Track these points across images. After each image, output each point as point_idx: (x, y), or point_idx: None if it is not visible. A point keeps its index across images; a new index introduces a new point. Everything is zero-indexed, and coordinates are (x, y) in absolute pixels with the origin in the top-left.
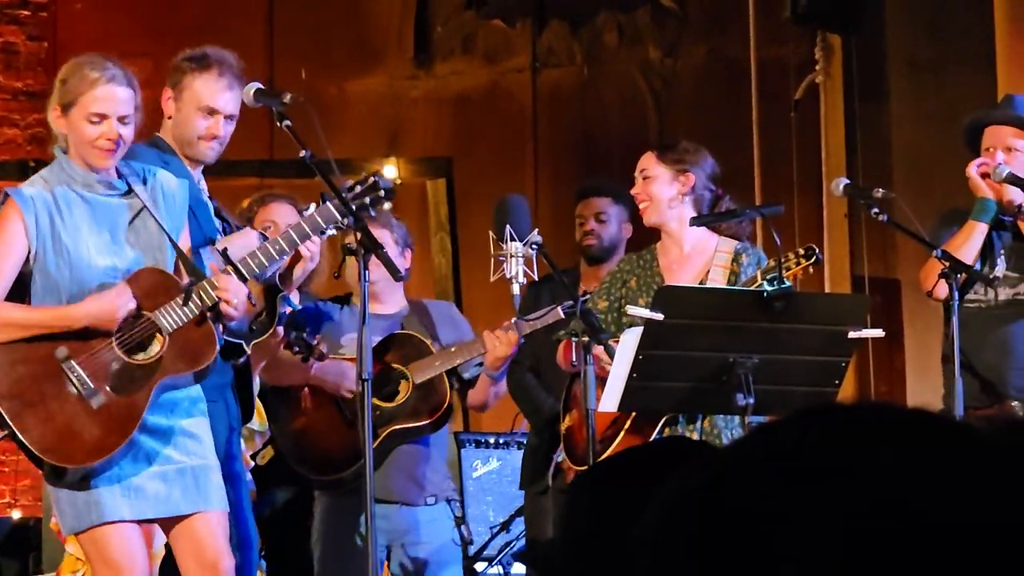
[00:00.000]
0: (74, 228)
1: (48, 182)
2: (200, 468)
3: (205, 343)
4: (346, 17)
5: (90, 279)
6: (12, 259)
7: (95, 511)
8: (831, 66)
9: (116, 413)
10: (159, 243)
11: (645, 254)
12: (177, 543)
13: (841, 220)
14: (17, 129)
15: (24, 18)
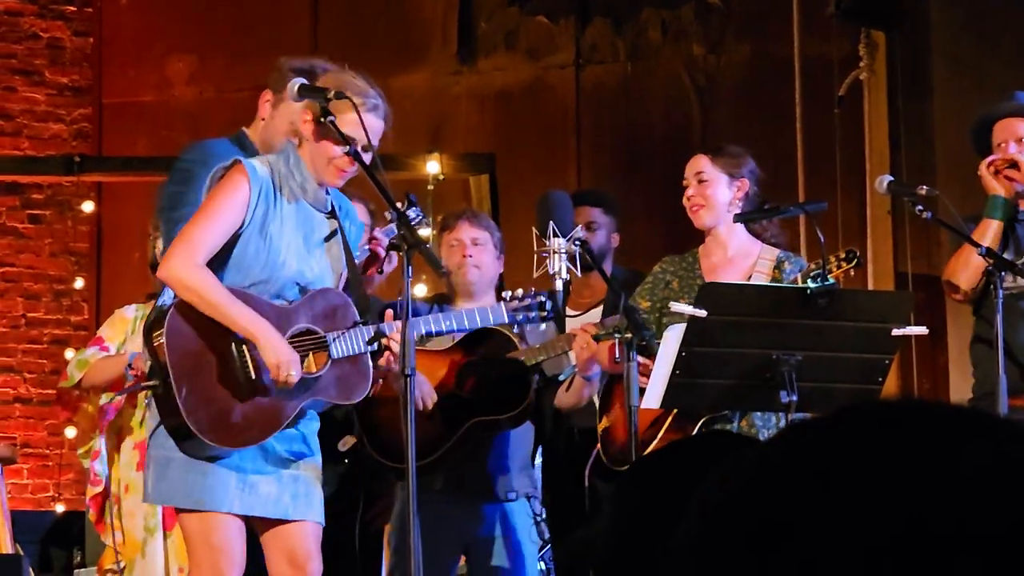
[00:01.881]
0: (280, 222)
1: (272, 168)
2: (311, 480)
3: (360, 381)
4: (389, 13)
5: (279, 276)
6: (227, 225)
7: (208, 496)
8: (875, 63)
9: (264, 411)
10: (340, 268)
11: (688, 256)
12: (273, 541)
13: (884, 217)
14: (63, 124)
15: (70, 14)
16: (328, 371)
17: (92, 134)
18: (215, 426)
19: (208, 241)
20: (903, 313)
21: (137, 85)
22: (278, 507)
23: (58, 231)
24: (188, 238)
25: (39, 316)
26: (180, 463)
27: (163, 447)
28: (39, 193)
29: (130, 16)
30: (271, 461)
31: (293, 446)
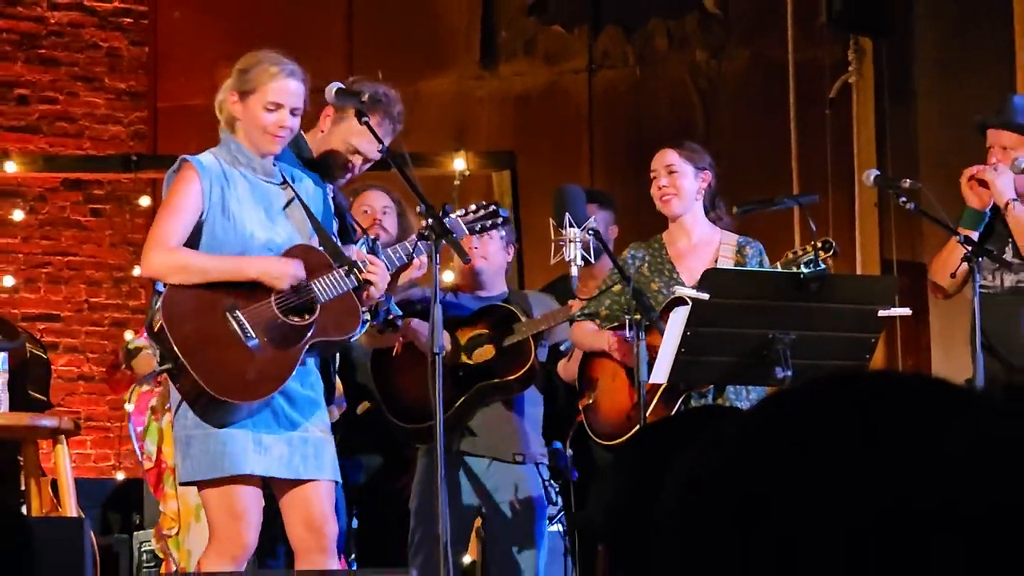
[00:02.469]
0: (238, 201)
1: (217, 157)
2: (320, 440)
3: (351, 315)
4: (418, 23)
5: (251, 247)
6: (189, 215)
7: (228, 462)
8: (863, 67)
9: (272, 363)
10: (306, 228)
11: (653, 243)
12: (289, 506)
13: (872, 209)
14: (121, 126)
15: (127, 25)
16: (320, 314)
17: (148, 135)
18: (234, 386)
19: (174, 232)
20: (888, 296)
21: (188, 90)
22: (290, 468)
23: (117, 224)
24: (155, 235)
25: (100, 301)
26: (199, 438)
27: (184, 427)
28: (100, 189)
29: (182, 28)
30: (282, 425)
31: (302, 409)
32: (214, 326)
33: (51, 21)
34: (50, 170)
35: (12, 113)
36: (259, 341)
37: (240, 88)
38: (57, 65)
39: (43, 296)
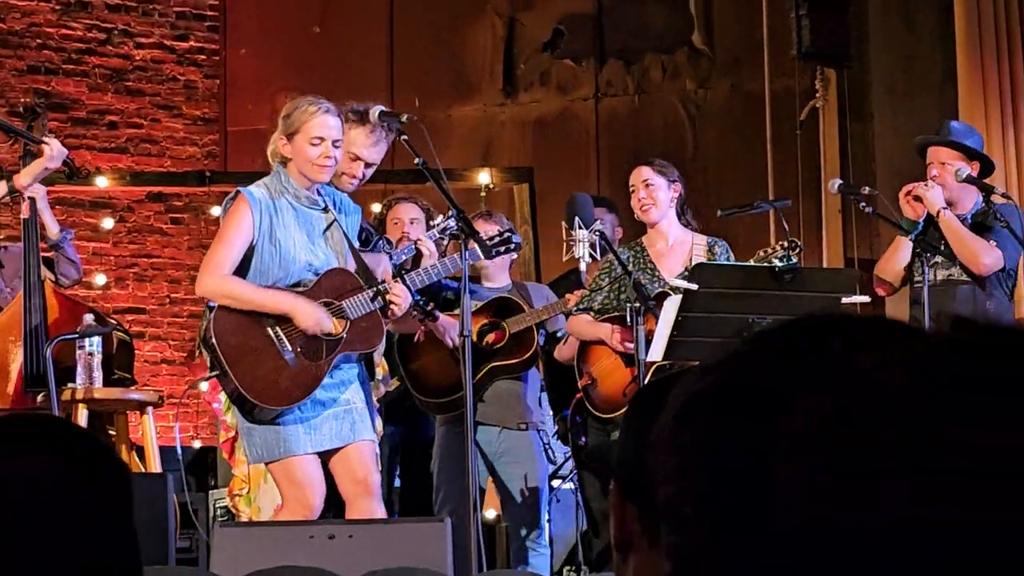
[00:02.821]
0: (285, 228)
1: (269, 189)
2: (360, 410)
3: (376, 331)
4: (450, 58)
5: (293, 270)
6: (240, 243)
7: (284, 446)
8: (828, 94)
9: (304, 372)
10: (343, 250)
11: (634, 245)
12: (337, 466)
13: (836, 213)
14: (196, 147)
15: (201, 61)
16: (349, 330)
17: (219, 155)
18: (268, 394)
19: (225, 260)
20: (849, 286)
21: (253, 116)
22: (340, 438)
23: (193, 230)
24: (211, 260)
25: (179, 296)
26: (259, 429)
27: (243, 421)
28: (179, 201)
29: (248, 63)
30: (327, 406)
31: (342, 389)
32: (256, 340)
33: (136, 58)
34: (136, 184)
35: (103, 136)
36: (294, 354)
37: (286, 131)
38: (142, 95)
39: (131, 292)
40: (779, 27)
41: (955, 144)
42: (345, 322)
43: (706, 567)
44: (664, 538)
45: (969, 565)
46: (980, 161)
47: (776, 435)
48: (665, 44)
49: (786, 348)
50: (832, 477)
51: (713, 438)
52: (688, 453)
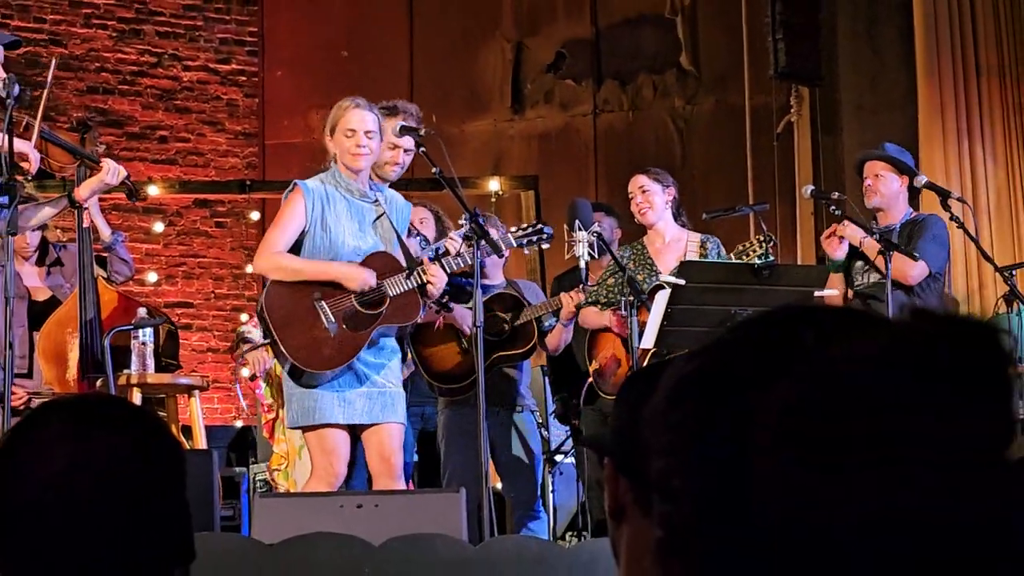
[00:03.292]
0: (335, 216)
1: (323, 182)
2: (393, 393)
3: (413, 307)
4: (464, 78)
5: (342, 253)
6: (294, 227)
7: (318, 414)
8: (802, 109)
9: (346, 343)
10: (391, 238)
11: (636, 245)
12: (367, 442)
13: (809, 216)
14: (237, 159)
15: (242, 82)
16: (388, 305)
17: (258, 165)
18: (310, 359)
19: (278, 241)
20: (821, 280)
21: (288, 131)
22: (370, 415)
23: (235, 233)
24: (265, 241)
25: (223, 292)
26: (298, 396)
27: (288, 386)
28: (222, 207)
29: (284, 83)
30: (363, 383)
31: (379, 371)
32: (302, 311)
33: (184, 79)
34: (183, 192)
35: (155, 149)
36: (337, 325)
37: (328, 129)
38: (189, 112)
39: (180, 288)
40: (758, 50)
41: (888, 159)
42: (387, 299)
43: (693, 534)
44: (656, 507)
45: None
46: (908, 176)
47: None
48: (656, 65)
49: (762, 338)
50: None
51: (698, 421)
52: (676, 432)
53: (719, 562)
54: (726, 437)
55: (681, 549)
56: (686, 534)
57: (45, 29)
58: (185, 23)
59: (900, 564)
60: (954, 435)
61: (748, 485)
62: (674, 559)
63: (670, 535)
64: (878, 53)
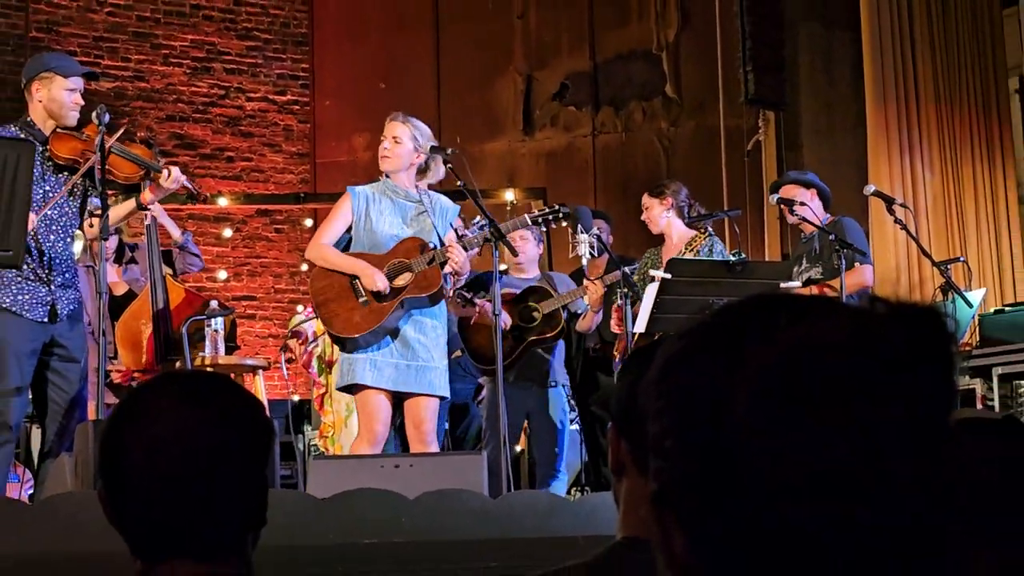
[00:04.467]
0: (379, 212)
1: (373, 188)
2: (428, 368)
3: (434, 279)
4: (483, 106)
5: (381, 241)
6: (339, 224)
7: (352, 375)
8: (768, 130)
9: (373, 312)
10: (430, 231)
11: (657, 249)
12: (406, 412)
13: (775, 220)
14: (293, 175)
15: (296, 110)
16: (413, 281)
17: (310, 181)
18: (344, 326)
19: (326, 234)
20: (787, 274)
21: (335, 151)
22: (397, 383)
23: (291, 238)
24: (316, 234)
25: (281, 287)
26: (342, 360)
27: (340, 354)
28: (280, 216)
29: (331, 110)
30: (396, 356)
31: (414, 346)
32: (340, 289)
33: (247, 108)
34: (248, 203)
35: (223, 167)
36: (367, 298)
37: None
38: (252, 136)
39: (245, 284)
40: (731, 80)
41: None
42: (412, 275)
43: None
44: (651, 463)
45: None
46: (815, 188)
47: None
48: (645, 93)
49: (740, 320)
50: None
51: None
52: (666, 400)
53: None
54: (707, 403)
55: (673, 500)
56: (676, 487)
57: (130, 67)
58: (248, 61)
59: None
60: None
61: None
62: (667, 509)
63: (663, 488)
64: (833, 84)
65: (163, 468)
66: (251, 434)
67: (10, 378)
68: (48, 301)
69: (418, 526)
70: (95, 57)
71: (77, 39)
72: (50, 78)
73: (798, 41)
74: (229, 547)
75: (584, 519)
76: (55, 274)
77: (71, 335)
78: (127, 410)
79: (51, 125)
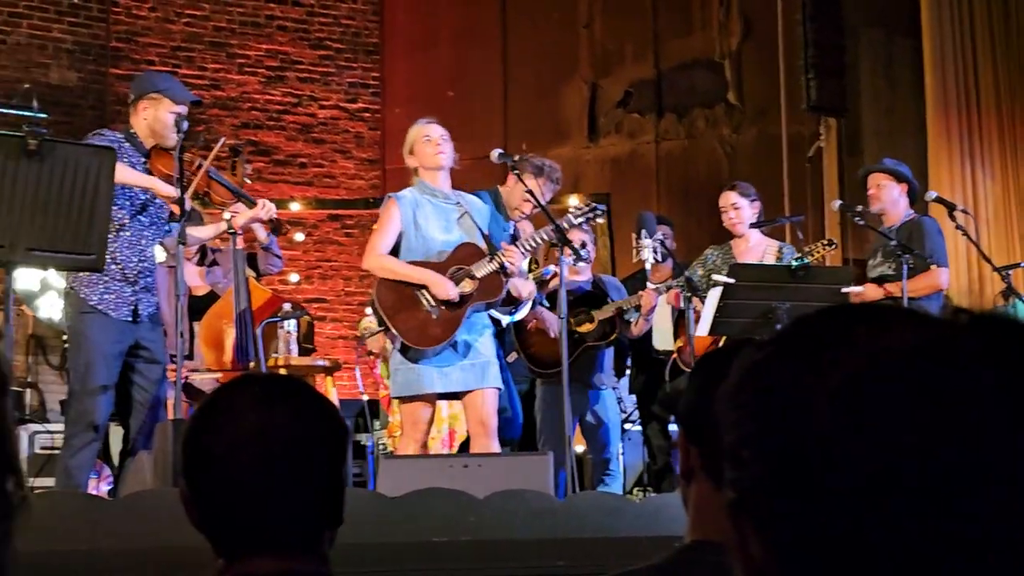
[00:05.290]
0: (425, 217)
1: (413, 192)
2: (485, 363)
3: (497, 286)
4: (549, 113)
5: (434, 247)
6: (392, 232)
7: (418, 385)
8: (829, 136)
9: (446, 322)
10: (473, 231)
11: (724, 246)
12: (468, 407)
13: (836, 226)
14: (363, 181)
15: (366, 117)
16: (477, 287)
17: (380, 186)
18: (421, 338)
19: (381, 243)
20: (847, 279)
21: None
22: (466, 384)
23: (361, 241)
24: (370, 245)
25: (351, 290)
26: (403, 370)
27: (394, 362)
28: (350, 220)
29: (400, 118)
30: (460, 356)
31: (472, 347)
32: (407, 300)
33: (319, 116)
34: (319, 208)
35: (296, 174)
36: (437, 308)
37: (408, 150)
38: (323, 143)
39: (316, 287)
40: (793, 87)
41: (887, 170)
42: (475, 280)
43: (760, 496)
44: (727, 473)
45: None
46: (907, 183)
47: (811, 405)
48: (708, 101)
49: (820, 328)
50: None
51: (763, 401)
52: (745, 411)
53: (782, 517)
54: (787, 411)
55: (751, 508)
56: (754, 495)
57: (207, 76)
58: (320, 70)
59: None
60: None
61: (806, 452)
62: (744, 517)
63: (740, 497)
64: (894, 89)
65: (244, 466)
66: (327, 433)
67: (98, 377)
68: (132, 302)
69: (485, 525)
70: (173, 66)
71: (155, 49)
72: (159, 99)
73: (859, 48)
74: (307, 544)
75: (648, 520)
76: (141, 277)
77: (153, 337)
78: (208, 411)
79: (152, 142)
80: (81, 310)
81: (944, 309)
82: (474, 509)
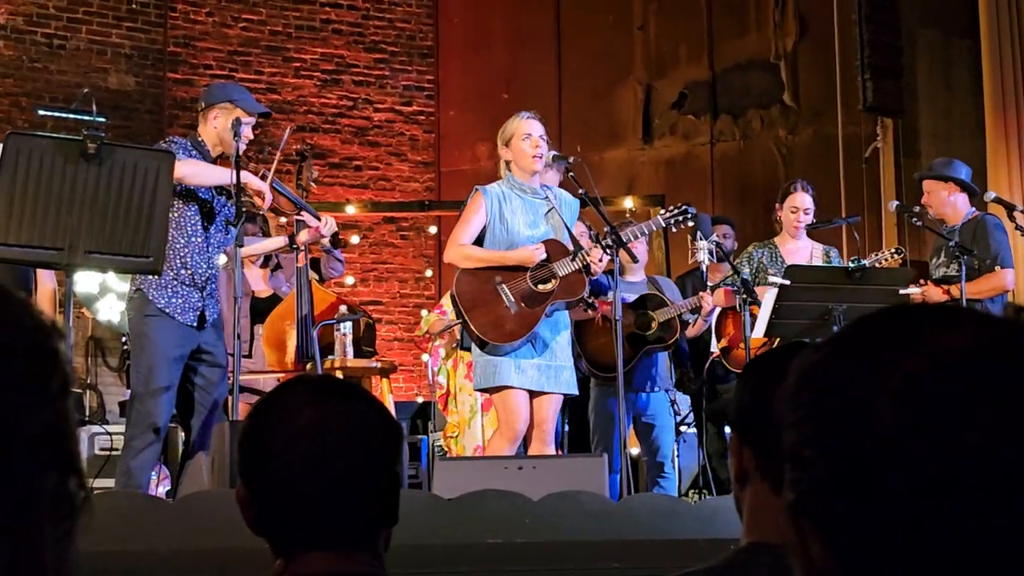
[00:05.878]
0: (512, 211)
1: (501, 186)
2: (561, 367)
3: (579, 285)
4: (603, 115)
5: (518, 242)
6: (476, 223)
7: (497, 377)
8: (886, 137)
9: (524, 318)
10: (560, 228)
11: (768, 244)
12: (534, 408)
13: (893, 227)
14: (418, 183)
15: (421, 121)
16: (559, 285)
17: (435, 188)
18: (497, 334)
19: (465, 233)
20: (905, 280)
21: (460, 160)
22: (538, 384)
23: (416, 244)
24: (453, 236)
25: (406, 291)
26: (483, 363)
27: (475, 355)
28: (405, 222)
29: (455, 121)
30: (536, 356)
31: (550, 347)
32: (487, 295)
33: (374, 119)
34: (374, 211)
35: (351, 176)
36: (516, 304)
37: (504, 141)
38: (379, 146)
39: (372, 289)
40: (849, 88)
41: (931, 176)
42: (556, 279)
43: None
44: (787, 473)
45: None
46: (952, 180)
47: (875, 395)
48: (763, 102)
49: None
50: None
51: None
52: (806, 410)
53: (843, 517)
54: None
55: (811, 509)
56: (815, 496)
57: (263, 80)
58: (375, 73)
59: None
60: None
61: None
62: (804, 518)
63: (800, 498)
64: (951, 89)
65: (298, 463)
66: (382, 432)
67: (160, 379)
68: (199, 307)
69: (541, 527)
70: (229, 71)
71: (212, 53)
72: (230, 109)
73: (916, 48)
74: (363, 543)
75: (704, 522)
76: (208, 283)
77: (216, 342)
78: (264, 410)
79: (219, 150)
80: (147, 312)
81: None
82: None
